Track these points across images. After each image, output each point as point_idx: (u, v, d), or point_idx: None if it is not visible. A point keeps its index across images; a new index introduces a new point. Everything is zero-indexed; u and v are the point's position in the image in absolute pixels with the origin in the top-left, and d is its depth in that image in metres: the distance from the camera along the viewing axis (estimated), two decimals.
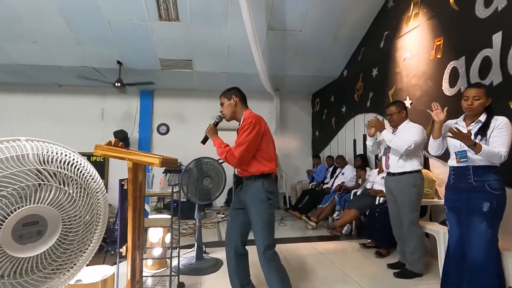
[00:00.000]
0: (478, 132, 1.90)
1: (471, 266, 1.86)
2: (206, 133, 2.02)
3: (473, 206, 1.86)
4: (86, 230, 1.11)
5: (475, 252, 1.84)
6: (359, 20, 4.47)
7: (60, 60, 5.00)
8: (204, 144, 2.08)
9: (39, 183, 0.94)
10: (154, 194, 3.65)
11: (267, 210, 1.85)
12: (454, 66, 2.95)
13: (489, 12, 2.60)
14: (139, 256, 1.66)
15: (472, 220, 1.86)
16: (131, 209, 1.59)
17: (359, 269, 2.71)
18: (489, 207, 1.80)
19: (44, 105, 6.21)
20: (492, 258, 1.82)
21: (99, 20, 4.13)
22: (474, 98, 1.91)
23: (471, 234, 1.87)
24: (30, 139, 0.96)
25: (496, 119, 1.88)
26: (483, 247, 1.81)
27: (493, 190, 1.81)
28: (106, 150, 1.43)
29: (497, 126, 1.85)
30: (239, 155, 1.82)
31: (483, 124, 1.90)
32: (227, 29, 4.44)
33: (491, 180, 1.83)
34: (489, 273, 1.81)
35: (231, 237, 1.98)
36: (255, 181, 1.89)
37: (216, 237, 3.98)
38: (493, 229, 1.81)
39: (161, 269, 2.72)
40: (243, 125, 1.90)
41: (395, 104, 2.69)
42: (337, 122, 5.80)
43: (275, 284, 1.78)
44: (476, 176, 1.88)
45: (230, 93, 2.04)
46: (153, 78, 5.77)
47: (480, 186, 1.85)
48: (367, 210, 3.49)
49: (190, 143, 6.39)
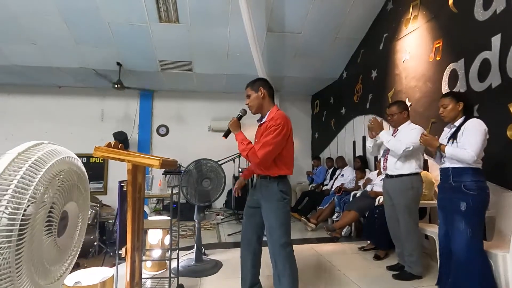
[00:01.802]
0: (451, 136, 2.04)
1: (456, 262, 1.95)
2: (228, 127, 1.95)
3: (454, 206, 1.97)
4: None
5: (458, 249, 1.94)
6: (358, 22, 4.48)
7: (59, 62, 5.00)
8: (226, 138, 2.02)
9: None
10: (154, 196, 3.65)
11: (283, 209, 1.84)
12: (453, 68, 2.96)
13: (488, 15, 2.61)
14: (138, 257, 1.66)
15: (454, 219, 1.97)
16: (130, 211, 1.58)
17: (359, 271, 2.71)
18: (465, 207, 1.90)
19: (43, 106, 6.20)
20: (474, 256, 1.88)
21: (98, 21, 4.14)
22: (443, 106, 2.11)
23: (454, 232, 1.97)
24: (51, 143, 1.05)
25: (466, 122, 1.99)
26: (463, 245, 1.90)
27: (469, 190, 1.91)
28: (106, 152, 1.43)
29: (465, 128, 1.97)
30: (263, 156, 1.76)
31: (456, 128, 2.04)
32: (227, 31, 4.45)
33: (467, 181, 1.93)
34: (473, 271, 1.88)
35: (247, 236, 1.98)
36: (270, 181, 1.86)
37: (215, 238, 3.97)
38: (472, 228, 1.89)
39: (160, 270, 2.71)
40: (270, 125, 1.83)
41: (396, 104, 2.67)
42: (336, 123, 5.81)
43: (286, 283, 1.77)
44: (454, 177, 2.00)
45: (257, 84, 1.92)
46: (153, 80, 5.78)
47: (458, 186, 1.96)
48: (367, 211, 3.49)
49: (190, 145, 6.45)
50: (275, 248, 1.81)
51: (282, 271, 1.78)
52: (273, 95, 1.98)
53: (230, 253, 3.24)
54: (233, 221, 4.96)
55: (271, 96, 1.95)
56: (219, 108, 6.68)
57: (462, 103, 2.05)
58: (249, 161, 1.89)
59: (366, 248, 3.30)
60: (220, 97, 6.71)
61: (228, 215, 5.43)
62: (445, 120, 2.15)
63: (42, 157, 0.93)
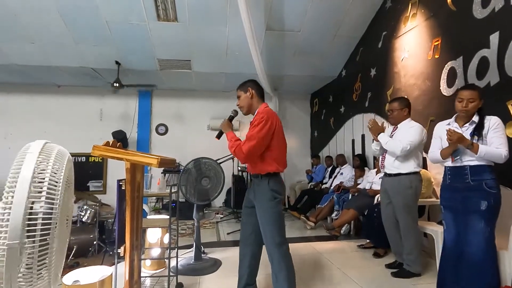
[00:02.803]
0: (474, 133, 1.92)
1: (469, 265, 1.87)
2: (220, 127, 1.98)
3: (471, 205, 1.88)
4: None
5: (474, 251, 1.85)
6: (357, 20, 4.48)
7: (58, 61, 4.99)
8: (219, 139, 2.05)
9: None
10: (152, 195, 3.65)
11: (274, 209, 1.84)
12: (452, 66, 2.96)
13: (487, 13, 2.61)
14: (137, 256, 1.67)
15: (470, 219, 1.88)
16: (129, 210, 1.59)
17: (358, 269, 2.72)
18: (487, 206, 1.82)
19: (43, 105, 6.20)
20: (490, 256, 1.84)
21: (97, 20, 4.13)
22: (469, 100, 1.92)
23: (469, 233, 1.88)
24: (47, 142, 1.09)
25: (489, 119, 1.91)
26: (481, 245, 1.83)
27: (490, 188, 1.84)
28: (104, 151, 1.43)
29: (491, 126, 1.88)
30: (247, 150, 1.77)
31: (477, 125, 1.92)
32: (225, 30, 4.44)
33: (488, 179, 1.86)
34: (487, 271, 1.83)
35: (245, 235, 1.99)
36: (261, 180, 1.87)
37: (214, 237, 3.98)
38: (491, 228, 1.83)
39: (159, 269, 2.71)
40: (254, 119, 1.86)
41: (398, 101, 2.65)
42: (335, 122, 5.81)
43: (282, 280, 1.78)
44: (473, 176, 1.90)
45: (247, 85, 1.97)
46: (152, 79, 5.77)
47: (477, 185, 1.87)
48: (366, 210, 3.50)
49: (189, 144, 6.45)
50: (270, 247, 1.82)
51: (278, 270, 1.80)
52: (262, 94, 2.01)
53: (229, 252, 3.25)
54: (233, 220, 4.97)
55: (260, 95, 1.99)
56: (218, 107, 6.68)
57: (483, 101, 1.95)
58: (236, 157, 1.90)
59: (365, 246, 3.31)
60: (219, 96, 6.71)
61: (228, 214, 5.44)
62: (463, 114, 1.97)
63: (58, 156, 0.98)
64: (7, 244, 0.84)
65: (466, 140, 1.87)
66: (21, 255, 0.88)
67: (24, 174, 0.90)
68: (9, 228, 0.84)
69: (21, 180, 0.89)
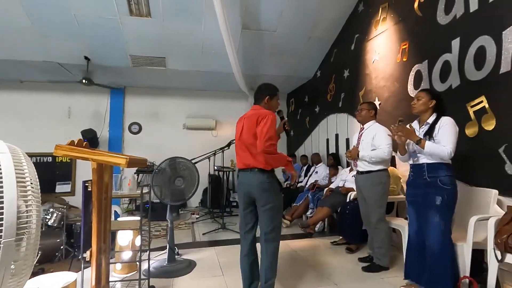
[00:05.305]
0: (426, 133, 2.08)
1: (430, 255, 2.01)
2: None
3: (428, 200, 2.03)
4: None
5: (432, 242, 2.00)
6: (331, 22, 4.58)
7: (22, 55, 4.68)
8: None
9: None
10: (122, 196, 3.51)
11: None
12: (418, 69, 3.11)
13: (449, 19, 2.76)
14: (104, 260, 1.60)
15: (428, 213, 2.03)
16: (95, 212, 1.52)
17: (331, 265, 2.79)
18: (441, 201, 1.97)
19: (4, 101, 5.79)
20: (446, 247, 1.97)
21: (64, 13, 3.92)
22: (417, 98, 2.17)
23: (427, 226, 2.03)
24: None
25: (441, 120, 2.06)
26: (438, 237, 1.97)
27: (444, 185, 1.98)
28: (68, 150, 1.36)
29: (441, 125, 2.04)
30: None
31: (430, 126, 2.09)
32: (201, 27, 4.37)
33: (442, 176, 2.00)
34: (445, 261, 1.96)
35: (245, 229, 2.14)
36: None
37: (190, 238, 3.91)
38: (445, 221, 1.98)
39: (131, 273, 2.63)
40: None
41: (368, 103, 2.87)
42: (311, 121, 5.92)
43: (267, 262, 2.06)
44: (430, 173, 2.05)
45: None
46: (124, 75, 5.57)
47: (433, 181, 2.02)
48: (339, 207, 3.59)
49: (164, 143, 6.29)
50: (261, 234, 2.14)
51: (264, 254, 2.18)
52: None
53: (204, 252, 3.21)
54: (209, 220, 4.91)
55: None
56: (194, 106, 6.57)
57: (435, 101, 2.11)
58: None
59: (338, 242, 3.40)
60: (195, 94, 6.60)
61: (204, 214, 5.37)
62: (413, 111, 2.20)
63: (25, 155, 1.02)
64: (4, 242, 0.85)
65: (414, 136, 2.05)
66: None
67: (8, 173, 0.91)
68: (4, 227, 0.85)
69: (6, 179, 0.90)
